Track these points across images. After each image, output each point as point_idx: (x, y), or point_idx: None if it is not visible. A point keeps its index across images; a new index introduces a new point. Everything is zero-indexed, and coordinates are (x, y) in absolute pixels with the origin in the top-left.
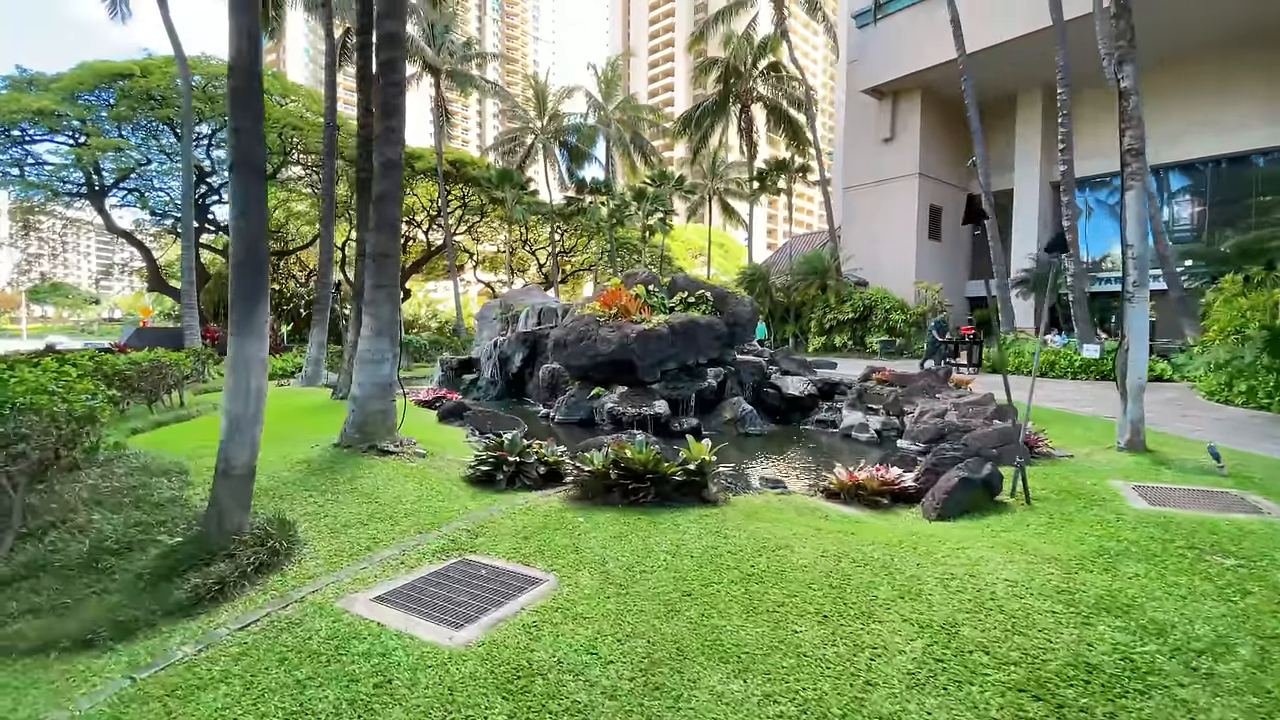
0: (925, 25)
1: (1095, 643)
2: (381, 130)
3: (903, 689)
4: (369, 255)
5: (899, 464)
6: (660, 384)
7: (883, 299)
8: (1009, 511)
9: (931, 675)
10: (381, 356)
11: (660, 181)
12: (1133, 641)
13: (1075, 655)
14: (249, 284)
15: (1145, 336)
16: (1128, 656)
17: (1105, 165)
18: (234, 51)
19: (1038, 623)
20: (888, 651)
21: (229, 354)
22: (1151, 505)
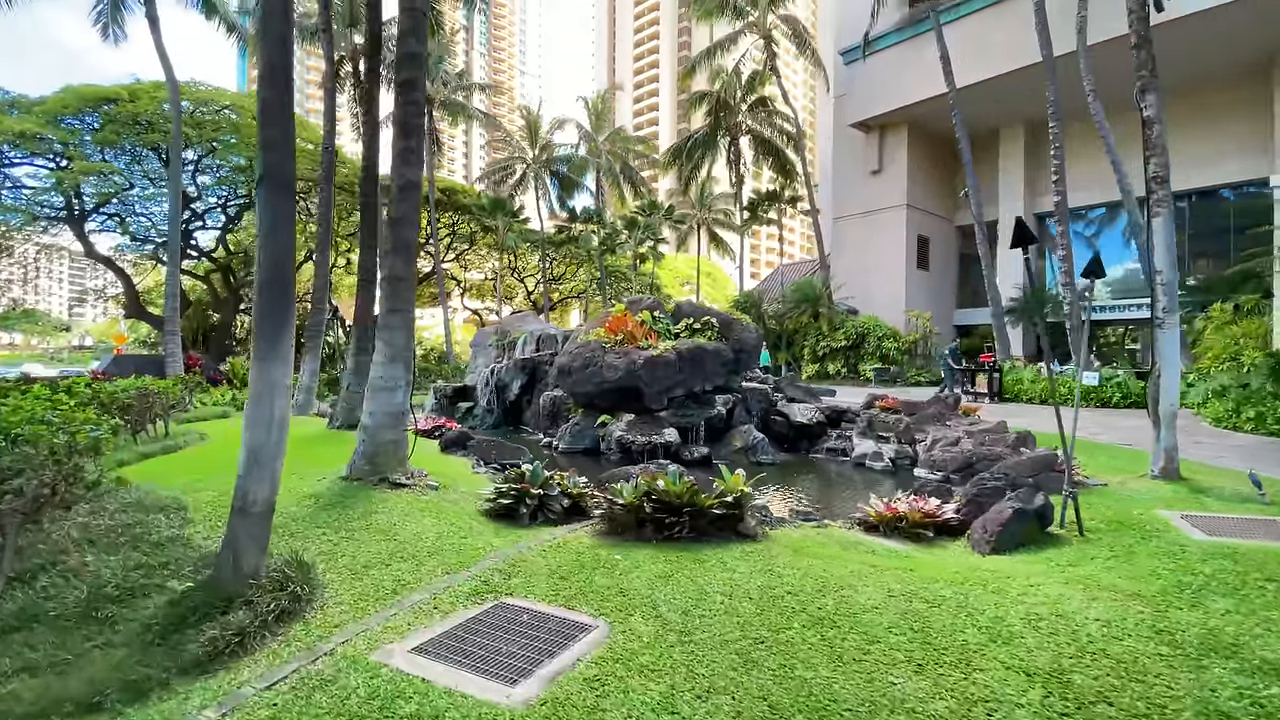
0: (911, 62)
1: (1217, 688)
2: (400, 151)
3: None
4: (384, 278)
5: (919, 493)
6: (668, 411)
7: (875, 327)
8: (1064, 544)
9: None
10: (395, 384)
11: (650, 211)
12: (1255, 685)
13: (1203, 703)
14: (275, 305)
15: (1177, 363)
16: (1257, 702)
17: (1082, 198)
18: (264, 63)
19: (1149, 668)
20: (1003, 705)
21: (252, 379)
22: (1209, 536)
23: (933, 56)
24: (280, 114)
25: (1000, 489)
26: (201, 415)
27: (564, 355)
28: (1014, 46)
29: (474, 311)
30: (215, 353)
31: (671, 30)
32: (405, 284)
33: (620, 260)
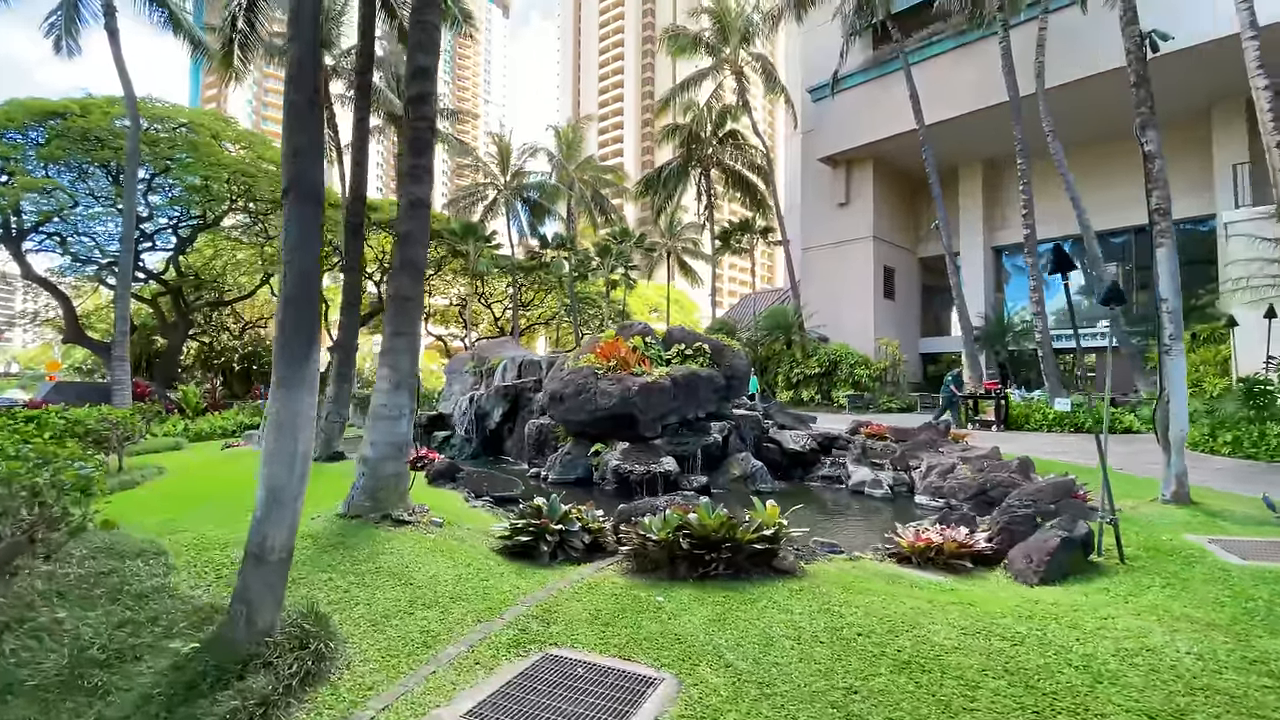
0: (877, 101)
1: None
2: (409, 168)
3: None
4: (389, 298)
5: (945, 522)
6: (663, 439)
7: (846, 354)
8: (1110, 573)
9: None
10: (399, 412)
11: (622, 239)
12: None
13: None
14: (301, 323)
15: (1184, 389)
16: None
17: (1039, 233)
18: (293, 64)
19: (1263, 701)
20: None
21: (272, 408)
22: (1245, 560)
23: (898, 95)
24: (309, 118)
25: (1030, 517)
26: (152, 447)
27: (554, 382)
28: (975, 88)
29: (438, 338)
30: (161, 380)
31: (635, 63)
32: (413, 304)
33: (590, 287)
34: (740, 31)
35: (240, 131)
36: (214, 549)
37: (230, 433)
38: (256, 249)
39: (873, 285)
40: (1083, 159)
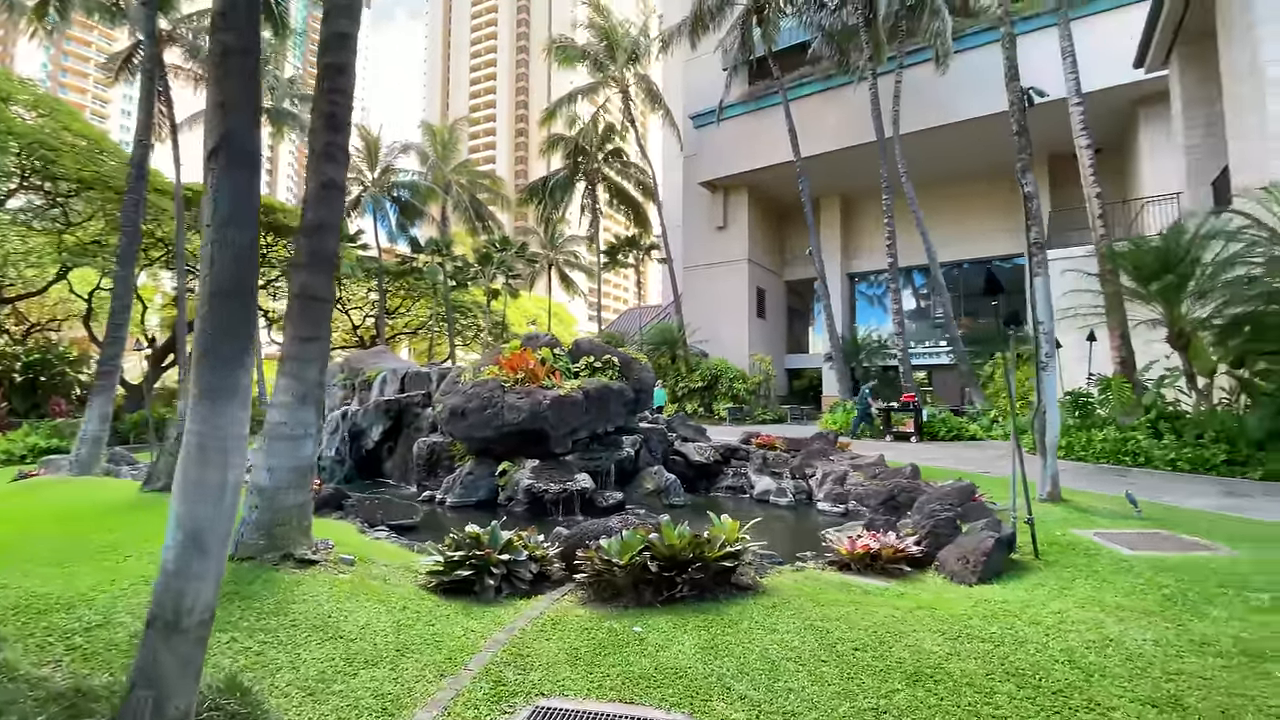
0: (753, 132)
1: None
2: (323, 146)
3: None
4: (295, 297)
5: (871, 528)
6: (574, 455)
7: (726, 369)
8: (1033, 569)
9: None
10: (304, 430)
11: (504, 246)
12: None
13: None
14: (233, 322)
15: (1056, 401)
16: None
17: (873, 264)
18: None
19: (1223, 679)
20: None
21: (192, 430)
22: (1133, 550)
23: (772, 129)
24: (243, 63)
25: (952, 520)
26: None
27: (455, 396)
28: (837, 130)
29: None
30: None
31: (509, 72)
32: (323, 306)
33: (465, 295)
34: (628, 51)
35: (40, 96)
36: (54, 611)
37: (21, 458)
38: (53, 237)
39: (747, 305)
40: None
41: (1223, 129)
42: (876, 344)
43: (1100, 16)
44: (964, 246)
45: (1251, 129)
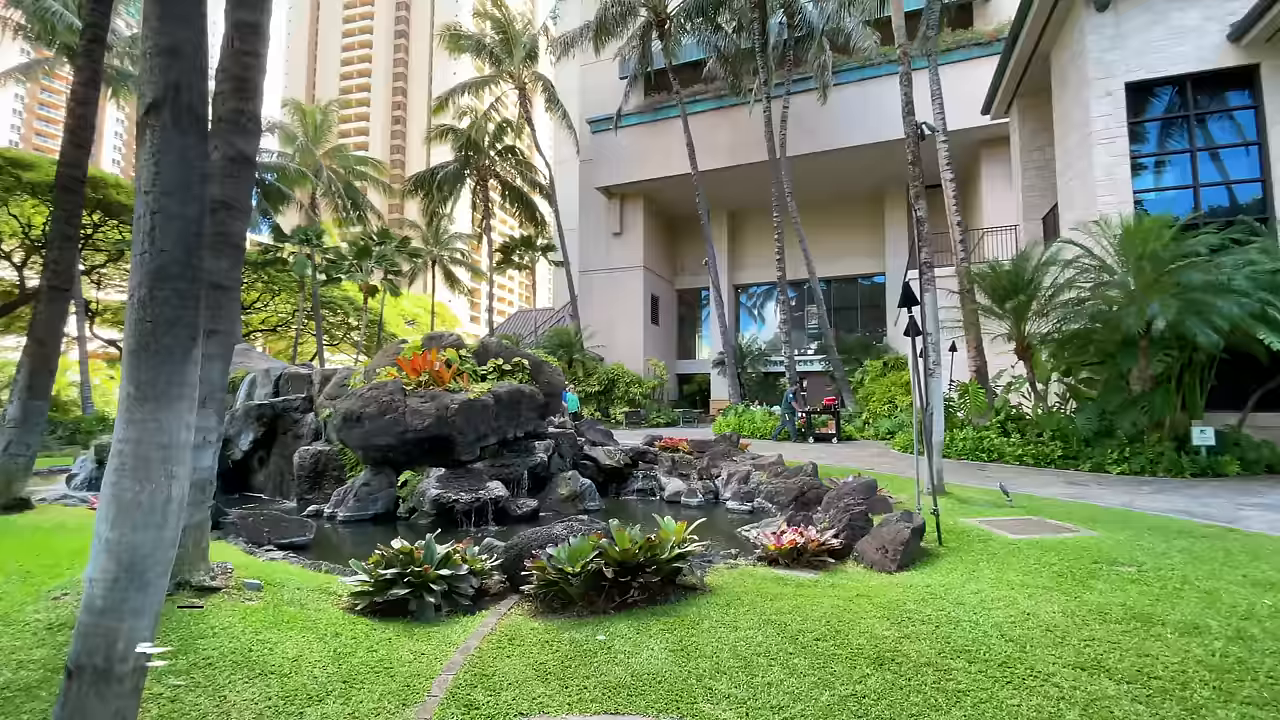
0: (650, 143)
1: (1194, 647)
2: (229, 114)
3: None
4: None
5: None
6: (484, 462)
7: (622, 374)
8: (940, 555)
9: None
10: (204, 438)
11: (384, 240)
12: (1189, 642)
13: (1184, 653)
14: (182, 306)
15: (941, 404)
16: (1225, 655)
17: (756, 276)
18: None
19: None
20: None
21: (124, 437)
22: (1017, 535)
23: (668, 141)
24: (193, 5)
25: (865, 513)
26: None
27: (350, 400)
28: (729, 148)
29: (110, 343)
30: None
31: (386, 54)
32: (231, 296)
33: (334, 291)
34: (526, 47)
35: None
36: None
37: None
38: None
39: (643, 311)
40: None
41: (1053, 172)
42: (759, 351)
43: (957, 65)
44: (831, 264)
45: (1079, 174)
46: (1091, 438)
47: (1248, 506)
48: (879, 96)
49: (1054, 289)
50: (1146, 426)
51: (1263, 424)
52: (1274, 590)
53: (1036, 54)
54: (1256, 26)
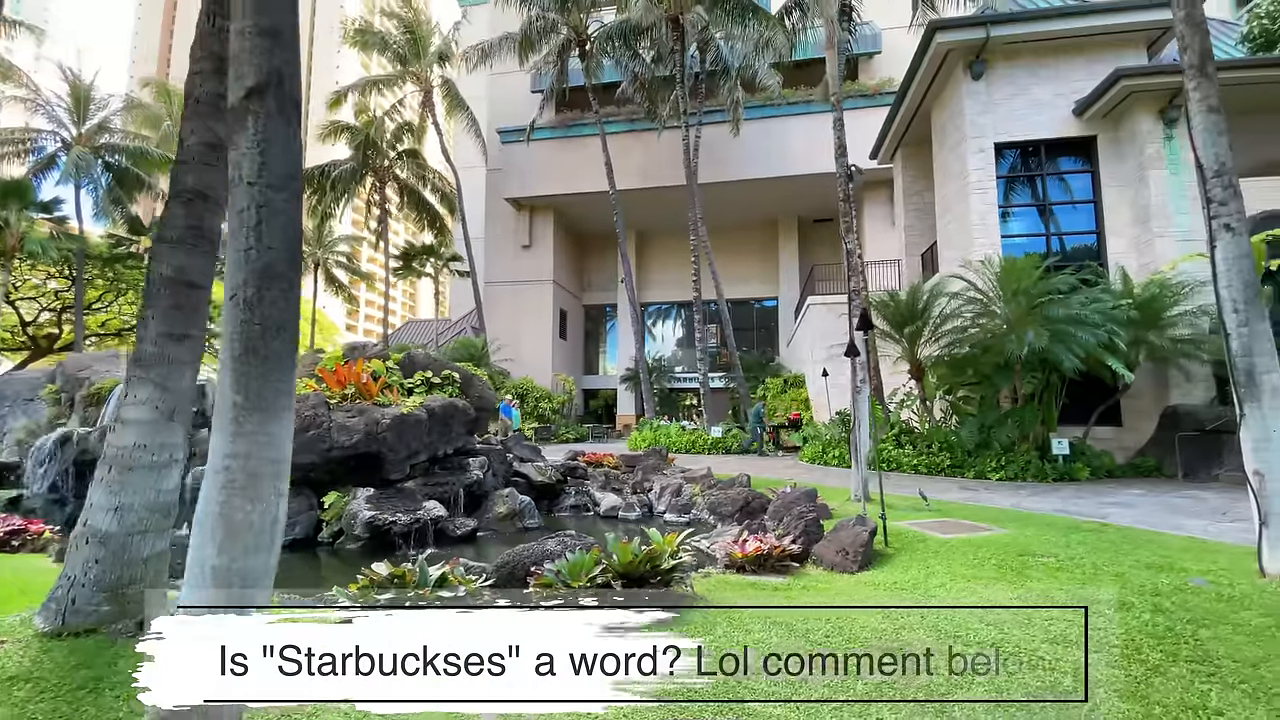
0: (561, 159)
1: (1130, 620)
2: (206, 96)
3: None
4: (163, 279)
5: (754, 531)
6: (416, 481)
7: (532, 388)
8: (892, 555)
9: None
10: (169, 456)
11: None
12: (1141, 614)
13: (1137, 627)
14: (283, 312)
15: (867, 419)
16: (1155, 625)
17: (659, 296)
18: None
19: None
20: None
21: (236, 452)
22: (946, 535)
23: (580, 157)
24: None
25: (817, 519)
26: None
27: None
28: (641, 170)
29: None
30: None
31: None
32: (199, 295)
33: None
34: (437, 50)
35: None
36: None
37: None
38: None
39: (552, 325)
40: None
41: (931, 214)
42: (664, 367)
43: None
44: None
45: (956, 217)
46: (973, 448)
47: (1107, 505)
48: (781, 134)
49: (941, 318)
50: (1017, 438)
51: (1100, 436)
52: (1164, 571)
53: (920, 110)
54: (1094, 106)
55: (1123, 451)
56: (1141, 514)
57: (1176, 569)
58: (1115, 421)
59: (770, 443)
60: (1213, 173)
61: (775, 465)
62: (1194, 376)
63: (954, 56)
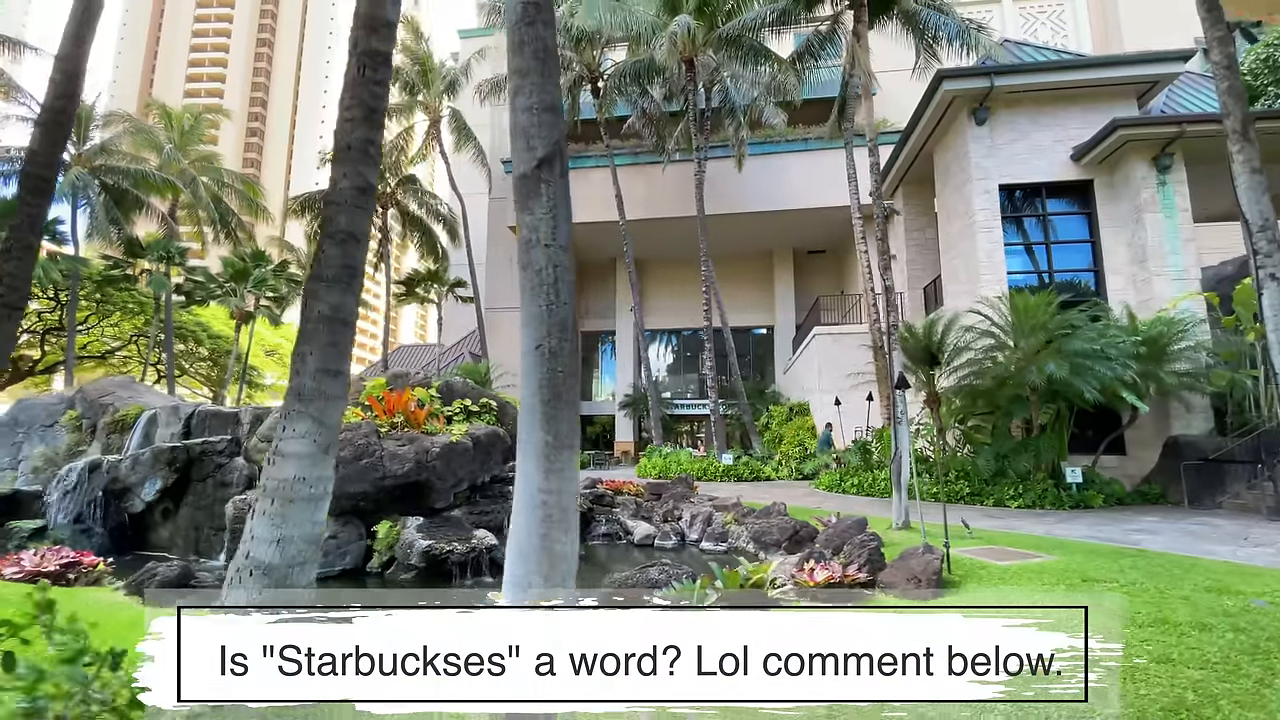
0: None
1: (1216, 639)
2: (359, 142)
3: None
4: (321, 318)
5: (817, 559)
6: (461, 509)
7: None
8: (956, 582)
9: None
10: (323, 489)
11: (259, 261)
12: (1224, 634)
13: (1226, 645)
14: (572, 361)
15: (909, 449)
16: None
17: (658, 324)
18: None
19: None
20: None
21: (550, 488)
22: (1001, 562)
23: (582, 189)
24: (553, 65)
25: (878, 548)
26: None
27: None
28: (647, 201)
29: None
30: None
31: (245, 59)
32: (350, 332)
33: (183, 316)
34: (446, 80)
35: None
36: None
37: None
38: None
39: None
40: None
41: (932, 249)
42: (662, 395)
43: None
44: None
45: (961, 254)
46: (990, 477)
47: (1132, 532)
48: (780, 169)
49: (954, 350)
50: (1033, 467)
51: (1106, 465)
52: (1223, 593)
53: (923, 151)
54: (1092, 152)
55: (1128, 479)
56: (1169, 540)
57: (1233, 591)
58: (1120, 451)
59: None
60: (1258, 228)
61: (793, 493)
62: (1194, 408)
63: (959, 103)
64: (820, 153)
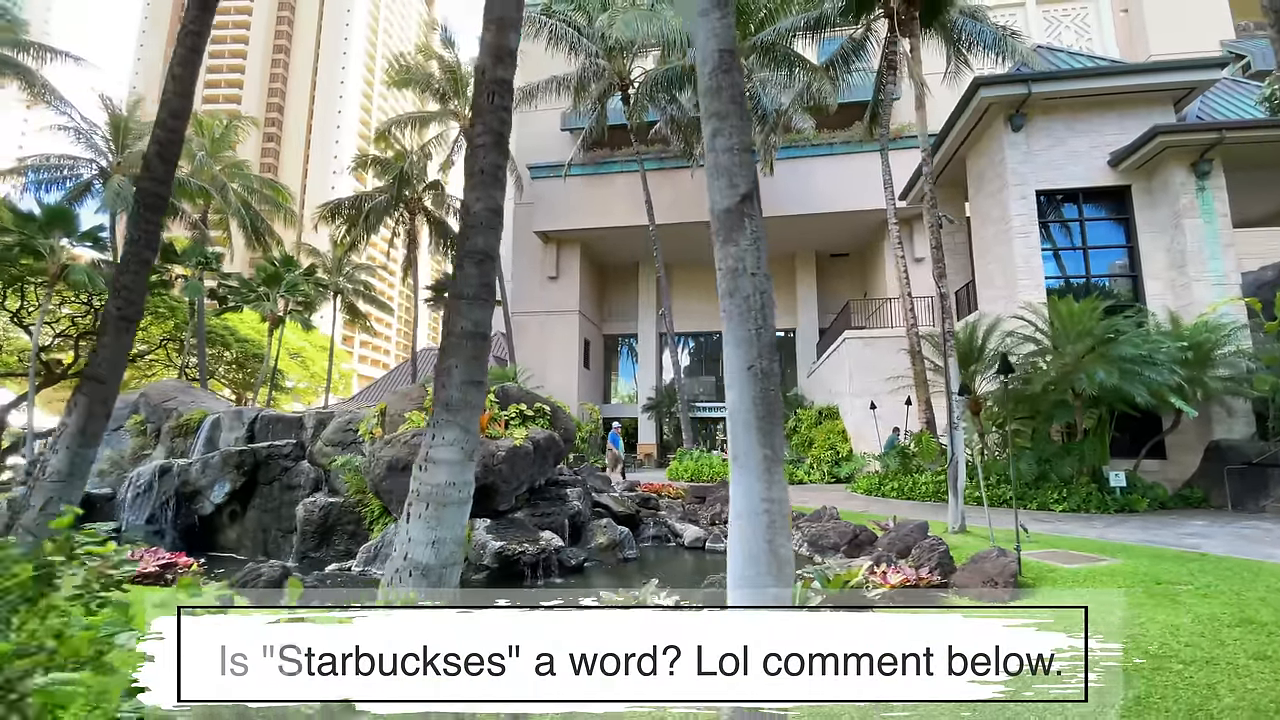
0: (590, 194)
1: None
2: (490, 166)
3: None
4: (464, 333)
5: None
6: (523, 511)
7: None
8: (1035, 585)
9: None
10: (468, 493)
11: (289, 266)
12: None
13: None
14: (777, 381)
15: (963, 455)
16: None
17: (683, 326)
18: None
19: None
20: None
21: (769, 496)
22: (1069, 565)
23: (607, 193)
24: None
25: (946, 551)
26: None
27: (395, 447)
28: (671, 205)
29: None
30: None
31: (262, 65)
32: (487, 345)
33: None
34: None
35: None
36: None
37: None
38: None
39: (577, 355)
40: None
41: (962, 253)
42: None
43: (867, 155)
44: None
45: (997, 258)
46: (1032, 481)
47: (1185, 536)
48: (807, 174)
49: (995, 355)
50: (1076, 471)
51: (1147, 469)
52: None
53: (956, 156)
54: (1130, 158)
55: (1169, 483)
56: (1225, 544)
57: None
58: (1160, 455)
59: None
60: None
61: (832, 496)
62: (1235, 412)
63: (995, 109)
64: (847, 157)
